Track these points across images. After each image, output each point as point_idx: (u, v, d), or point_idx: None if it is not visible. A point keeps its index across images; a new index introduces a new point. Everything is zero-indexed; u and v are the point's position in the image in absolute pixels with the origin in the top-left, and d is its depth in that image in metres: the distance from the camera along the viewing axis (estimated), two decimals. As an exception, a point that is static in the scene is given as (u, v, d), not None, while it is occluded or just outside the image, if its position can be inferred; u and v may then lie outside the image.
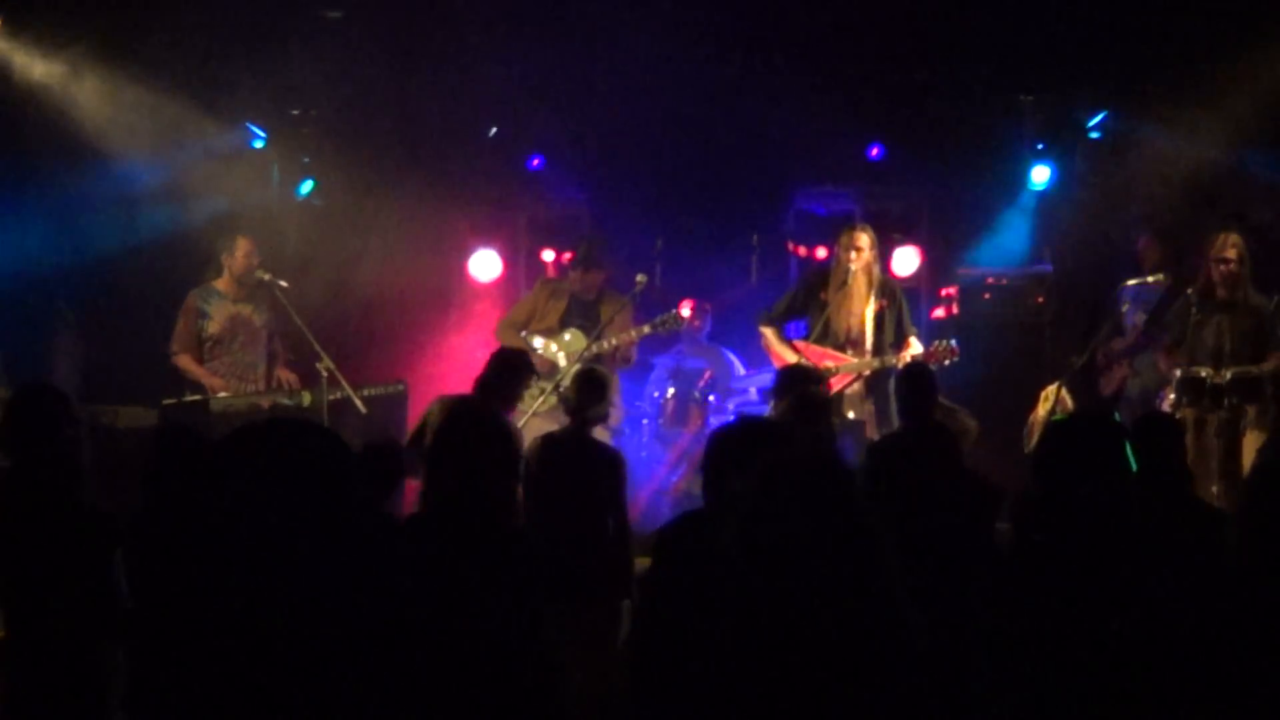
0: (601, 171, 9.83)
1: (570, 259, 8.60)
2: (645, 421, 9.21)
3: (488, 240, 9.82)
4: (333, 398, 7.57)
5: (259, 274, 8.14)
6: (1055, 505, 3.21)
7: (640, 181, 9.83)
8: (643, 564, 4.92)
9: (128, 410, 7.80)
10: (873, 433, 7.73)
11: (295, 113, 9.46)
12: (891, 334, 7.95)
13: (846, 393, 7.85)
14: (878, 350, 7.89)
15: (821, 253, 9.58)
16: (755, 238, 10.20)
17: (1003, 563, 3.41)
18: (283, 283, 8.09)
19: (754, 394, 8.87)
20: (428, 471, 3.82)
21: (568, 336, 8.29)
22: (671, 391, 9.11)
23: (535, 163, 9.80)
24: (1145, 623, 3.05)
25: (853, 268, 7.88)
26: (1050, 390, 7.79)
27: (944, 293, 9.71)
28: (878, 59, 8.93)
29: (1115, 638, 3.00)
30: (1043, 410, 7.81)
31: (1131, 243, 8.74)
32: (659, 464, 8.93)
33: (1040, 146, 9.35)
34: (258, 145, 9.49)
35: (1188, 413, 6.97)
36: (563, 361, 8.15)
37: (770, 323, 8.16)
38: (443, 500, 3.72)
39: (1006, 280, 9.30)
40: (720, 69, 8.75)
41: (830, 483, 2.48)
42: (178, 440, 4.45)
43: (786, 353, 7.89)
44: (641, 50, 8.61)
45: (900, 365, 7.58)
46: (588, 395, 5.85)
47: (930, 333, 8.96)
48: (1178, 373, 7.17)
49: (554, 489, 5.69)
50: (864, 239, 7.93)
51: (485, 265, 9.74)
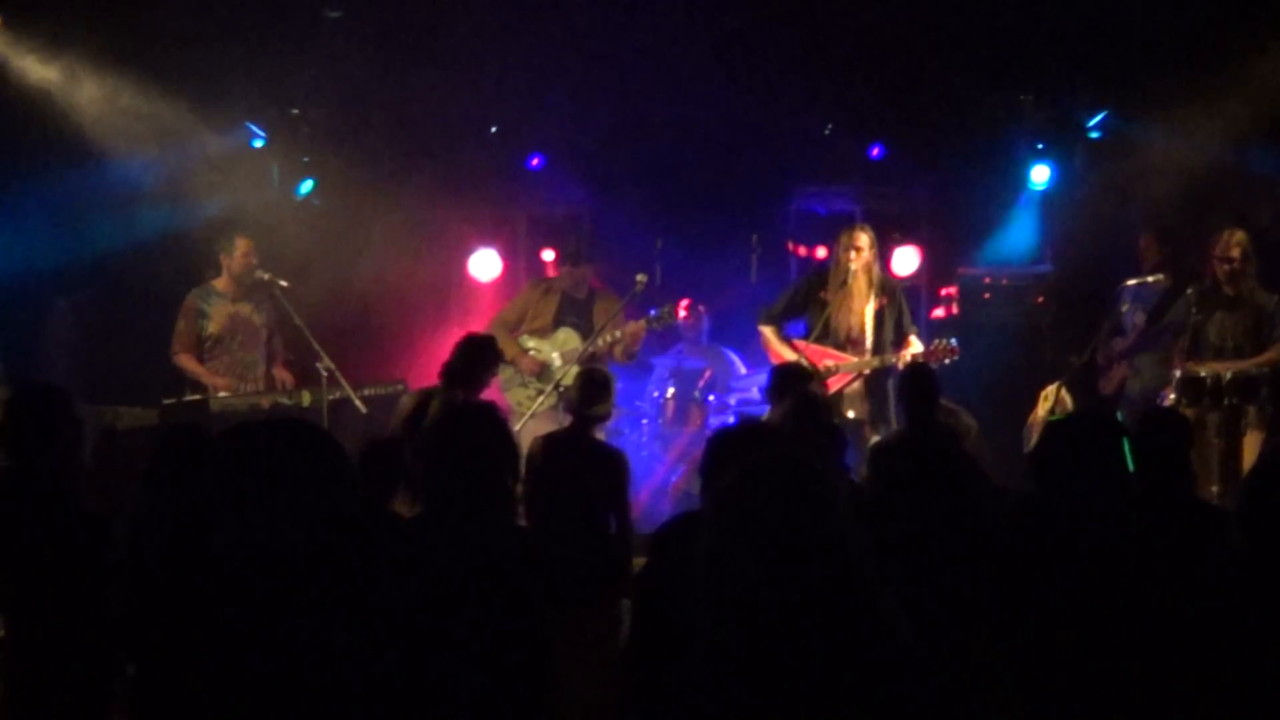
0: (601, 171, 9.83)
1: (558, 256, 8.59)
2: (645, 421, 9.21)
3: (488, 240, 9.83)
4: (332, 398, 7.57)
5: (258, 274, 8.14)
6: (1052, 504, 3.21)
7: (640, 181, 9.83)
8: (640, 564, 4.93)
9: (128, 410, 7.80)
10: (871, 432, 7.74)
11: (295, 113, 9.46)
12: (891, 333, 7.95)
13: (846, 392, 7.86)
14: (878, 349, 7.88)
15: (821, 252, 9.58)
16: (755, 238, 10.20)
17: (1004, 561, 3.40)
18: (283, 282, 8.09)
19: (755, 393, 8.87)
20: (425, 470, 3.81)
21: (561, 336, 8.28)
22: (671, 391, 9.11)
23: (535, 162, 9.80)
24: (1145, 622, 3.05)
25: (853, 267, 7.88)
26: (1050, 390, 7.79)
27: (944, 293, 9.71)
28: (878, 59, 8.92)
29: (1115, 637, 3.01)
30: (1043, 410, 7.81)
31: (1132, 242, 8.73)
32: (659, 464, 8.94)
33: (1040, 146, 9.35)
34: (258, 145, 9.50)
35: (1188, 412, 6.95)
36: (557, 361, 8.14)
37: (770, 322, 8.16)
38: (441, 499, 3.71)
39: (1006, 280, 9.31)
40: (720, 69, 8.74)
41: (804, 486, 2.47)
42: (180, 439, 4.45)
43: (786, 352, 7.89)
44: (641, 50, 8.61)
45: (900, 365, 7.60)
46: (590, 395, 5.84)
47: (930, 333, 8.96)
48: (1177, 373, 7.16)
49: (556, 489, 5.67)
50: (864, 239, 7.92)
51: (485, 265, 9.75)
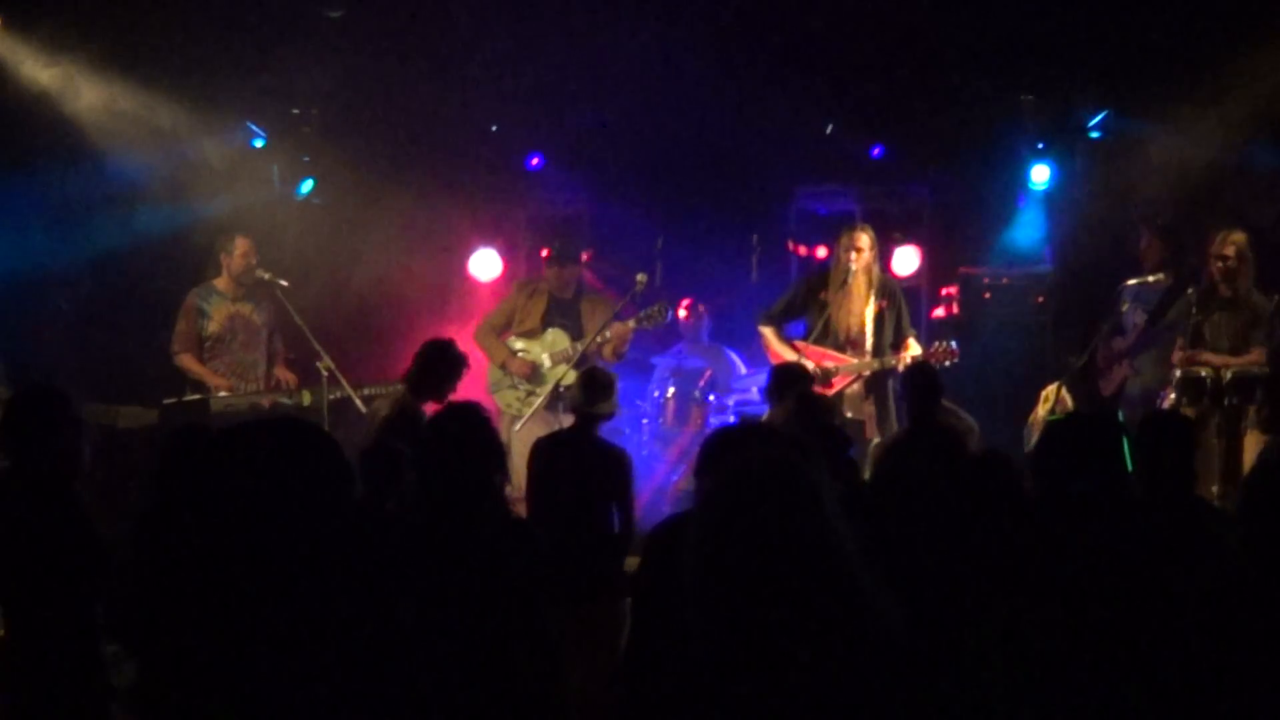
0: (601, 171, 9.83)
1: (545, 256, 8.56)
2: (645, 421, 9.21)
3: (488, 240, 9.83)
4: (333, 397, 7.56)
5: (259, 273, 8.14)
6: (1052, 504, 3.22)
7: (640, 181, 9.83)
8: (633, 563, 4.94)
9: (128, 410, 7.81)
10: (872, 433, 7.74)
11: (295, 113, 9.47)
12: (891, 334, 7.95)
13: (846, 393, 7.85)
14: (878, 351, 7.88)
15: (822, 252, 9.59)
16: (755, 238, 10.20)
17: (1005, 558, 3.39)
18: (283, 282, 8.09)
19: (755, 393, 8.87)
20: (419, 470, 3.83)
21: (550, 337, 8.26)
22: (672, 391, 9.11)
23: (535, 162, 9.80)
24: (1144, 621, 3.05)
25: (853, 267, 7.88)
26: (1050, 390, 7.79)
27: (944, 293, 9.71)
28: (878, 59, 8.92)
29: (1114, 636, 3.00)
30: (1043, 410, 7.81)
31: (1132, 242, 8.73)
32: (659, 464, 8.93)
33: (1040, 146, 9.35)
34: (258, 145, 9.50)
35: (1188, 412, 6.95)
36: (547, 363, 8.13)
37: (770, 322, 8.15)
38: (431, 498, 3.73)
39: (1006, 280, 9.31)
40: (721, 69, 8.74)
41: (790, 486, 2.46)
42: (184, 439, 4.45)
43: (786, 352, 7.89)
44: (642, 50, 8.61)
45: (900, 366, 7.60)
46: (594, 394, 5.83)
47: (930, 333, 8.96)
48: (1178, 372, 7.16)
49: (560, 488, 5.68)
50: (864, 239, 7.92)
51: (485, 265, 9.74)
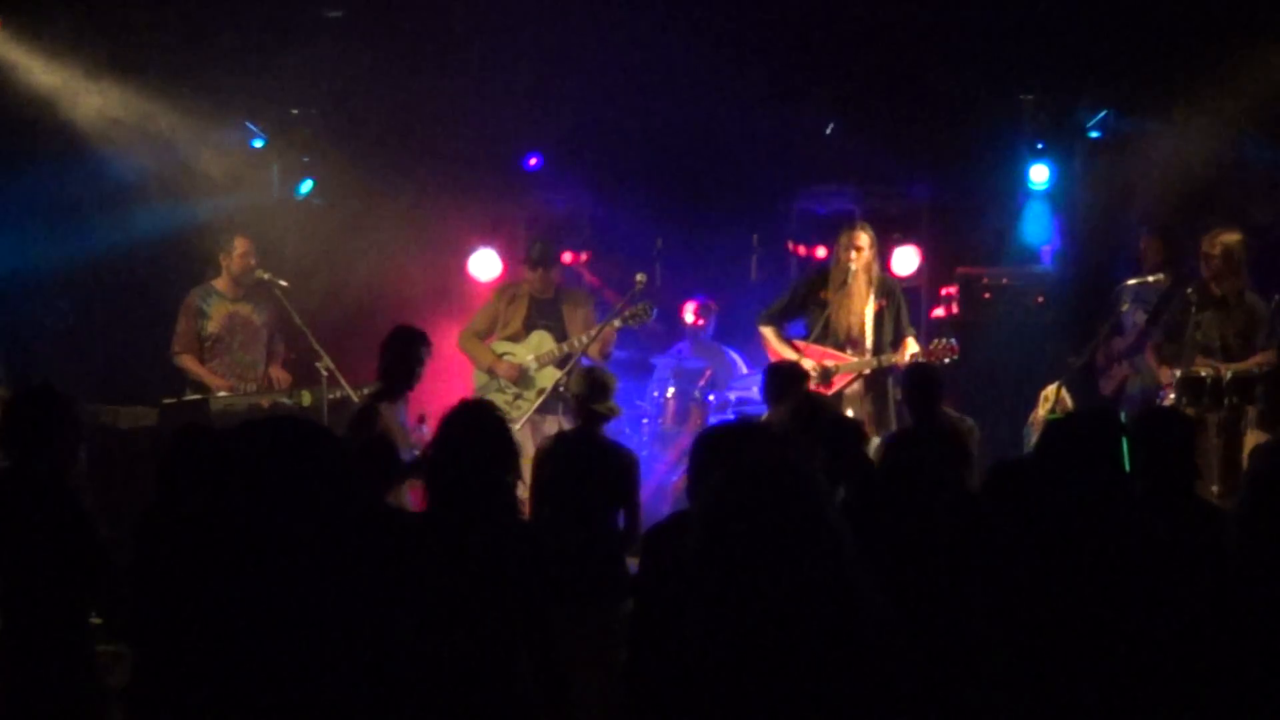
0: (601, 171, 9.83)
1: (525, 259, 8.53)
2: (645, 421, 9.21)
3: (488, 240, 9.82)
4: (332, 397, 7.56)
5: (259, 273, 8.14)
6: (1052, 503, 3.21)
7: (640, 181, 9.82)
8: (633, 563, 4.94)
9: (128, 410, 7.80)
10: (871, 432, 7.72)
11: (295, 113, 9.46)
12: (890, 333, 7.95)
13: (846, 392, 7.85)
14: (877, 350, 7.88)
15: (821, 252, 9.57)
16: (755, 237, 10.20)
17: (1005, 560, 3.40)
18: (283, 282, 8.09)
19: (755, 393, 8.86)
20: (429, 470, 3.83)
21: (535, 339, 8.22)
22: (672, 391, 9.11)
23: (533, 162, 9.79)
24: (1144, 621, 3.05)
25: (853, 267, 7.87)
26: (1050, 390, 7.78)
27: (944, 292, 9.71)
28: (878, 59, 8.92)
29: (1114, 635, 3.00)
30: (1043, 410, 7.80)
31: (1132, 242, 8.73)
32: (659, 464, 8.92)
33: (1040, 146, 9.34)
34: (258, 145, 9.50)
35: (1188, 412, 6.95)
36: (533, 366, 8.11)
37: (770, 322, 8.15)
38: (443, 496, 3.73)
39: (1006, 280, 9.30)
40: (721, 69, 8.74)
41: (790, 486, 2.46)
42: (186, 439, 4.45)
43: (786, 352, 7.88)
44: (642, 50, 8.61)
45: (899, 365, 7.60)
46: (597, 392, 5.83)
47: (930, 332, 8.96)
48: (1177, 372, 7.16)
49: (568, 489, 5.67)
50: (864, 238, 7.92)
51: (485, 265, 9.73)
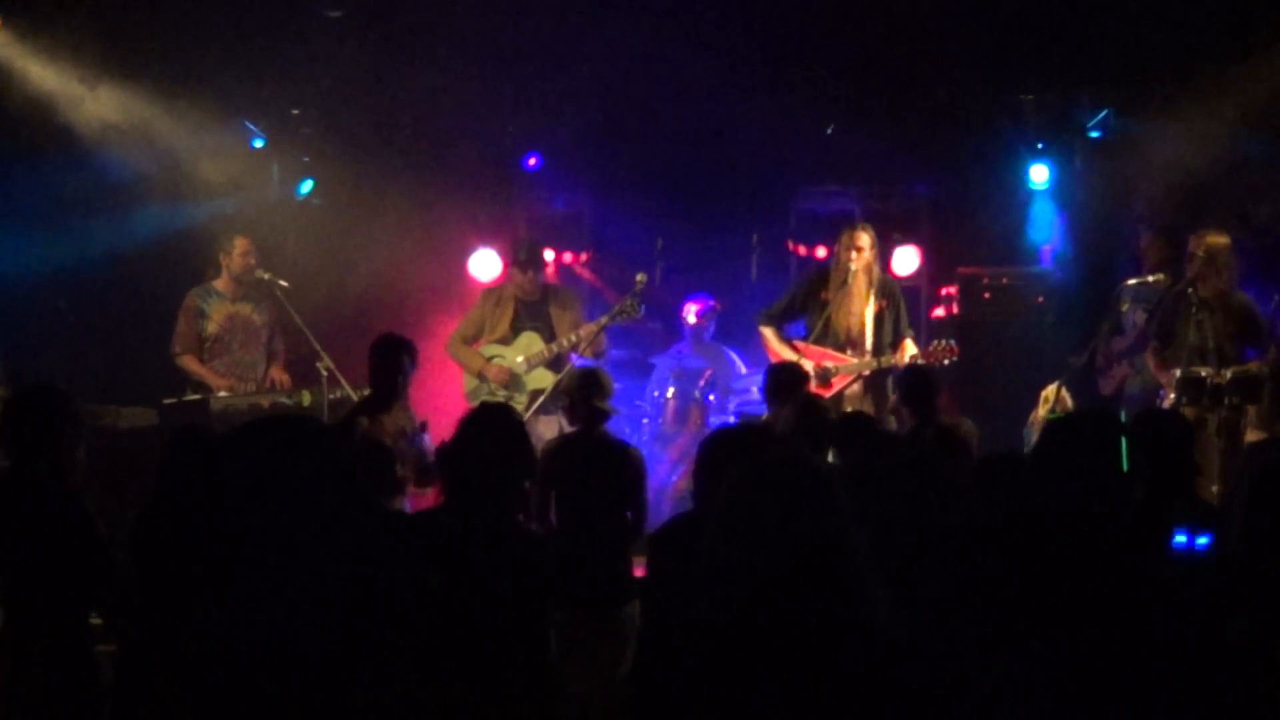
0: (601, 171, 9.83)
1: (510, 261, 8.49)
2: (645, 421, 9.20)
3: (488, 240, 9.81)
4: (333, 397, 7.56)
5: (259, 273, 8.14)
6: (1051, 503, 3.21)
7: (640, 181, 9.83)
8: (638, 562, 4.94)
9: (128, 410, 7.80)
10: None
11: (295, 113, 9.47)
12: (890, 334, 7.96)
13: (846, 393, 7.85)
14: (877, 350, 7.88)
15: (821, 252, 9.58)
16: (755, 237, 10.20)
17: (1003, 560, 3.39)
18: (283, 282, 8.10)
19: (755, 393, 8.86)
20: (444, 470, 3.85)
21: (524, 340, 8.18)
22: (672, 391, 9.10)
23: (532, 162, 9.79)
24: (1144, 620, 3.04)
25: (853, 267, 7.87)
26: (1050, 390, 7.77)
27: (944, 293, 9.71)
28: (878, 59, 8.92)
29: (1113, 635, 3.00)
30: (1043, 410, 7.80)
31: (1132, 242, 8.73)
32: (659, 464, 8.91)
33: (1040, 146, 9.35)
34: (258, 145, 9.50)
35: (1188, 412, 6.95)
36: (523, 368, 8.09)
37: (770, 322, 8.15)
38: (457, 496, 3.74)
39: (1006, 280, 9.30)
40: (721, 69, 8.74)
41: (806, 485, 2.46)
42: (187, 439, 4.45)
43: (786, 352, 7.89)
44: (642, 50, 8.61)
45: (898, 366, 7.60)
46: (595, 391, 5.83)
47: (930, 333, 8.96)
48: (1177, 372, 7.16)
49: (573, 490, 5.66)
50: (864, 238, 7.92)
51: (485, 265, 9.72)
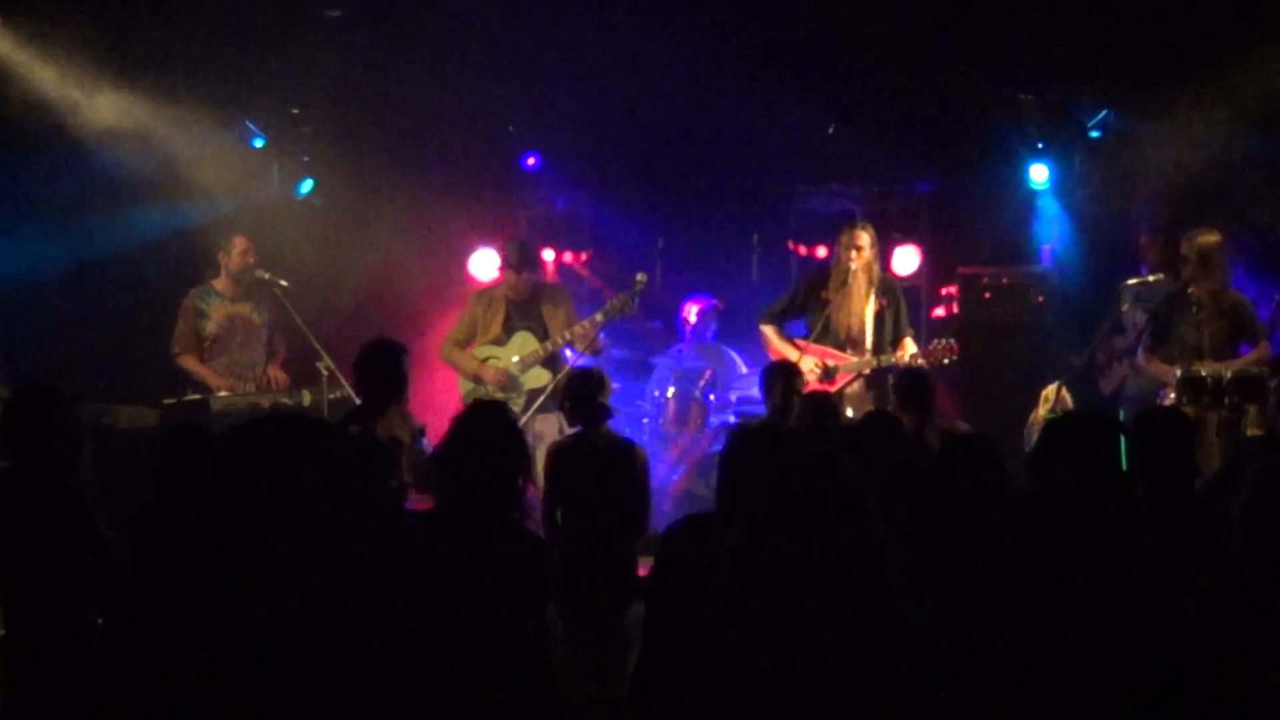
0: (601, 171, 9.83)
1: (501, 261, 8.46)
2: (645, 421, 9.20)
3: (488, 240, 9.81)
4: (333, 397, 7.55)
5: (259, 273, 8.14)
6: (1051, 502, 3.21)
7: (640, 181, 9.83)
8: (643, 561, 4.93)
9: (128, 410, 7.79)
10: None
11: (295, 113, 9.46)
12: (890, 333, 7.96)
13: (846, 392, 7.86)
14: (878, 349, 7.89)
15: (822, 252, 9.58)
16: (756, 237, 10.20)
17: (1003, 559, 3.40)
18: (283, 281, 8.08)
19: (755, 393, 8.86)
20: (439, 470, 3.84)
21: (518, 340, 8.15)
22: (672, 391, 9.10)
23: (531, 161, 9.79)
24: (1144, 619, 3.04)
25: (853, 266, 7.88)
26: (1050, 390, 7.77)
27: (944, 292, 9.71)
28: (878, 59, 8.92)
29: (1114, 634, 3.00)
30: (1043, 410, 7.79)
31: (1132, 242, 8.73)
32: (659, 464, 8.91)
33: (1040, 146, 9.35)
34: (258, 145, 9.50)
35: (1188, 411, 6.95)
36: (518, 368, 8.07)
37: (771, 321, 8.16)
38: (451, 497, 3.73)
39: (1006, 280, 9.29)
40: (721, 69, 8.74)
41: (836, 485, 2.46)
42: (184, 439, 4.44)
43: (787, 351, 7.90)
44: (642, 50, 8.60)
45: (899, 365, 7.61)
46: (593, 390, 5.80)
47: (930, 332, 8.96)
48: (1177, 371, 7.16)
49: (580, 491, 5.65)
50: (865, 238, 7.93)
51: (485, 265, 9.72)
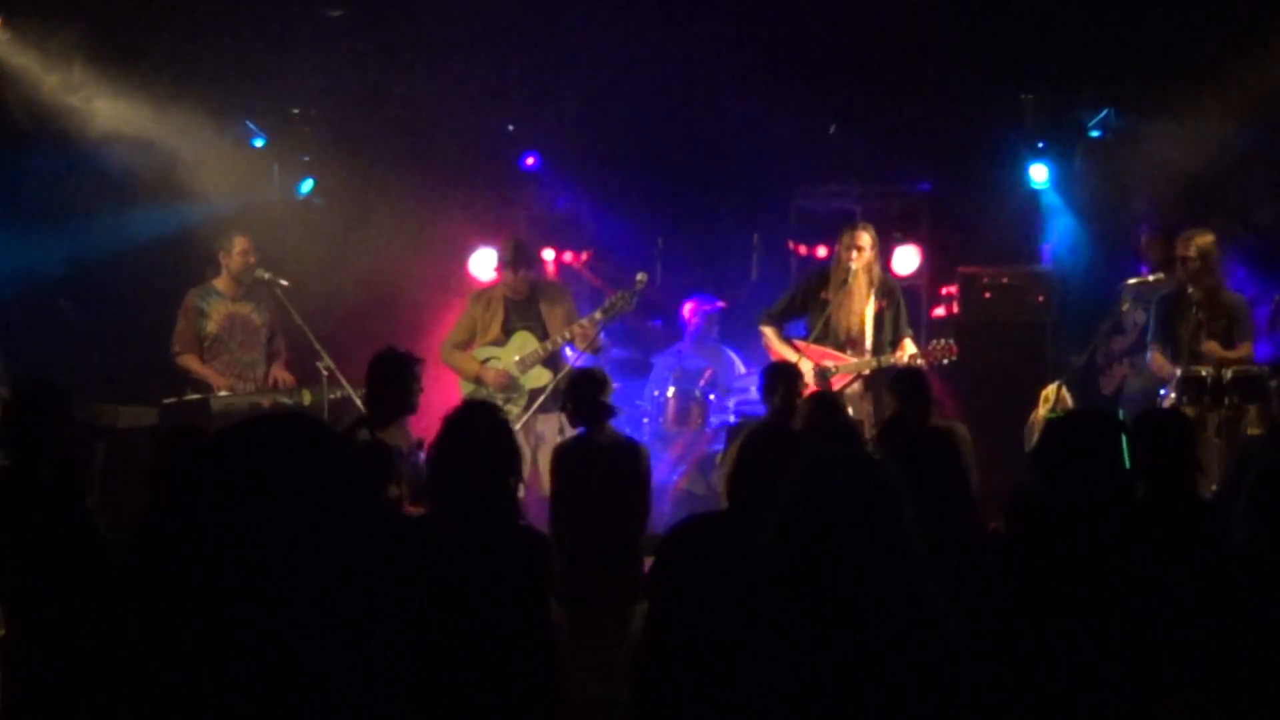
0: (602, 171, 9.83)
1: (499, 260, 8.44)
2: (645, 421, 9.20)
3: (488, 240, 9.82)
4: (333, 396, 7.55)
5: (259, 273, 8.14)
6: (1051, 500, 3.21)
7: (640, 181, 9.83)
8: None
9: (128, 410, 7.79)
10: (870, 432, 7.73)
11: (295, 112, 9.47)
12: (890, 334, 7.96)
13: (846, 392, 7.85)
14: (877, 350, 7.89)
15: (822, 252, 9.59)
16: (756, 237, 10.21)
17: (998, 559, 3.40)
18: (283, 281, 8.08)
19: (754, 393, 8.87)
20: (432, 471, 3.84)
21: (518, 340, 8.13)
22: (672, 391, 9.10)
23: (529, 161, 9.79)
24: (1144, 620, 3.04)
25: (853, 266, 7.88)
26: (1050, 390, 7.77)
27: (944, 292, 9.71)
28: (878, 59, 8.92)
29: (1114, 634, 3.00)
30: (1043, 410, 7.79)
31: (1132, 242, 8.73)
32: (659, 464, 8.91)
33: (1040, 146, 9.35)
34: (258, 145, 9.50)
35: (1188, 411, 6.95)
36: (519, 369, 8.06)
37: (771, 321, 8.16)
38: (443, 499, 3.73)
39: (1006, 280, 9.29)
40: (721, 68, 8.74)
41: (869, 483, 2.46)
42: (181, 439, 4.45)
43: (787, 352, 7.89)
44: (642, 50, 8.61)
45: (898, 365, 7.61)
46: (594, 390, 5.80)
47: (930, 332, 8.96)
48: (1178, 371, 7.17)
49: (586, 492, 5.64)
50: (865, 238, 7.92)
51: (485, 264, 9.72)
